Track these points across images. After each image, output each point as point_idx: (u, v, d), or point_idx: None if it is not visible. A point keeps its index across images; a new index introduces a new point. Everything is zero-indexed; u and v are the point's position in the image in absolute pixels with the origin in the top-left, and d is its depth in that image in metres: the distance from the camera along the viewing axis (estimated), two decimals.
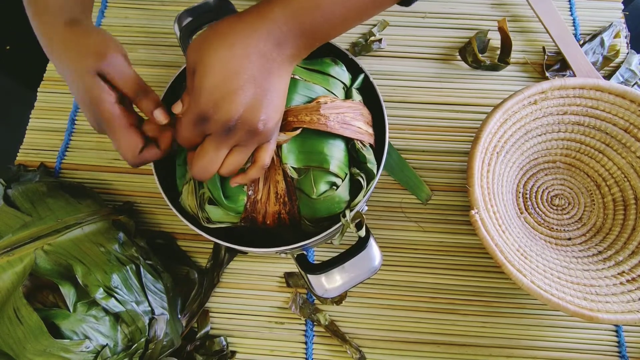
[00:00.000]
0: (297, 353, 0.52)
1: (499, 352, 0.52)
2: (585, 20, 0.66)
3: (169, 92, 0.48)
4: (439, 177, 0.59)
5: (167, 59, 0.65)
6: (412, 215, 0.57)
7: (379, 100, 0.47)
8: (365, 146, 0.44)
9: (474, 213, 0.47)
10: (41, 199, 0.50)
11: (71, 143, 0.61)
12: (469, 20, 0.66)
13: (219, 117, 0.32)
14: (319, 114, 0.41)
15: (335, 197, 0.42)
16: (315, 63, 0.46)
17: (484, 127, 0.50)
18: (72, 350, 0.41)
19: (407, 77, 0.63)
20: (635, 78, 0.62)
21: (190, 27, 0.50)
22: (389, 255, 0.55)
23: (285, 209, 0.42)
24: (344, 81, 0.46)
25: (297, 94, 0.42)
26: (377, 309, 0.54)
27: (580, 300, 0.46)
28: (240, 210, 0.42)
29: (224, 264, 0.55)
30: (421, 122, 0.61)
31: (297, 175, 0.41)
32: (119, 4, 0.69)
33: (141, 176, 0.60)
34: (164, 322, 0.47)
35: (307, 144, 0.42)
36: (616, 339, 0.52)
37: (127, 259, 0.48)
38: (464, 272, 0.55)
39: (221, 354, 0.51)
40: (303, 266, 0.43)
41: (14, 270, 0.45)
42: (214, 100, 0.32)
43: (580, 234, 0.55)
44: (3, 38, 0.71)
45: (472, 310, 0.53)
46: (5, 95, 0.68)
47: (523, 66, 0.64)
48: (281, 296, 0.54)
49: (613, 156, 0.55)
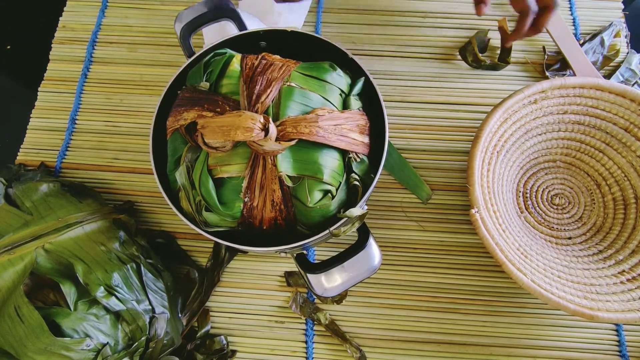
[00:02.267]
0: (297, 352, 0.52)
1: (500, 351, 0.52)
2: (586, 20, 0.66)
3: (169, 92, 0.48)
4: (439, 176, 0.59)
5: (167, 59, 0.65)
6: (413, 214, 0.57)
7: (379, 100, 0.47)
8: (359, 158, 0.45)
9: (474, 212, 0.47)
10: (42, 198, 0.50)
11: (72, 142, 0.61)
12: (469, 20, 0.66)
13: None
14: (317, 126, 0.41)
15: (330, 206, 0.42)
16: (312, 68, 0.45)
17: (484, 127, 0.50)
18: (73, 349, 0.41)
19: (407, 76, 0.64)
20: (635, 77, 0.62)
21: (191, 27, 0.51)
22: (389, 255, 0.55)
23: (282, 216, 0.42)
24: (341, 87, 0.46)
25: (294, 102, 0.43)
26: (377, 308, 0.54)
27: (581, 299, 0.46)
28: (236, 216, 0.42)
29: (224, 263, 0.55)
30: (421, 122, 0.61)
31: (292, 183, 0.41)
32: (119, 4, 0.69)
33: (142, 175, 0.60)
34: (164, 321, 0.47)
35: (302, 152, 0.42)
36: (616, 338, 0.52)
37: (127, 258, 0.48)
38: (464, 271, 0.55)
39: (221, 353, 0.51)
40: (303, 265, 0.43)
41: (15, 268, 0.45)
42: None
43: (581, 233, 0.55)
44: (3, 38, 0.71)
45: (473, 310, 0.53)
46: (5, 95, 0.68)
47: (523, 66, 0.64)
48: (281, 295, 0.54)
49: (613, 155, 0.55)
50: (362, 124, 0.45)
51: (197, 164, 0.43)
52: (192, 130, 0.43)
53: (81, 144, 0.61)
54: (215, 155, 0.42)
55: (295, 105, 0.42)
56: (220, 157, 0.42)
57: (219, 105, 0.42)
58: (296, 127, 0.41)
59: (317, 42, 0.49)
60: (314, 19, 0.67)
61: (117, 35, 0.67)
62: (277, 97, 0.43)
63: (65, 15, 0.68)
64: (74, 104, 0.63)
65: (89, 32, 0.67)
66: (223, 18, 0.51)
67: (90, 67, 0.65)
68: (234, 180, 0.42)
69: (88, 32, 0.67)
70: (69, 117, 0.62)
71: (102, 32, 0.67)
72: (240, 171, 0.42)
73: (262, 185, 0.41)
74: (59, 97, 0.64)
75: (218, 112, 0.42)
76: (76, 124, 0.62)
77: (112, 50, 0.66)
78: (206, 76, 0.45)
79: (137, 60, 0.65)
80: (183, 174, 0.43)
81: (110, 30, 0.67)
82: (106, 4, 0.69)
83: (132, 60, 0.65)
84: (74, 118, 0.62)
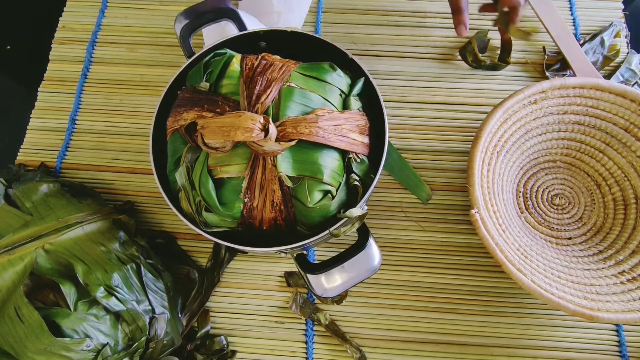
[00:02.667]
0: (297, 352, 0.52)
1: (500, 351, 0.52)
2: (586, 20, 0.66)
3: (169, 92, 0.48)
4: (439, 176, 0.59)
5: (167, 59, 0.65)
6: (413, 214, 0.57)
7: (379, 100, 0.47)
8: (359, 158, 0.45)
9: (474, 212, 0.47)
10: (42, 199, 0.50)
11: (71, 143, 0.61)
12: (469, 20, 0.66)
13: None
14: (317, 127, 0.41)
15: (330, 206, 0.42)
16: (312, 69, 0.45)
17: (484, 127, 0.50)
18: (73, 349, 0.41)
19: (407, 77, 0.64)
20: (635, 77, 0.62)
21: (190, 27, 0.51)
22: (389, 255, 0.55)
23: (282, 216, 0.42)
24: (341, 88, 0.46)
25: (294, 102, 0.42)
26: (377, 308, 0.54)
27: (581, 300, 0.46)
28: (236, 216, 0.42)
29: (224, 263, 0.55)
30: (421, 122, 0.61)
31: (292, 183, 0.41)
32: (119, 4, 0.69)
33: (142, 176, 0.60)
34: (164, 321, 0.47)
35: (302, 153, 0.42)
36: (616, 338, 0.52)
37: (127, 258, 0.48)
38: (464, 271, 0.55)
39: (221, 353, 0.51)
40: (302, 266, 0.43)
41: (15, 269, 0.45)
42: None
43: (581, 234, 0.55)
44: (3, 38, 0.71)
45: (473, 310, 0.53)
46: (5, 95, 0.68)
47: (523, 66, 0.64)
48: (281, 295, 0.54)
49: (613, 155, 0.55)
50: (362, 124, 0.45)
51: (197, 165, 0.43)
52: (192, 131, 0.43)
53: (81, 144, 0.61)
54: (215, 156, 0.42)
55: (295, 105, 0.42)
56: (220, 158, 0.42)
57: (219, 105, 0.42)
58: (296, 128, 0.41)
59: (317, 42, 0.49)
60: (314, 19, 0.67)
61: (117, 35, 0.67)
62: (277, 97, 0.43)
63: (65, 15, 0.68)
64: (74, 104, 0.63)
65: (88, 32, 0.67)
66: (223, 18, 0.51)
67: (90, 68, 0.65)
68: (233, 180, 0.42)
69: (88, 32, 0.67)
70: (69, 118, 0.62)
71: (102, 32, 0.67)
72: (240, 171, 0.42)
73: (262, 185, 0.41)
74: (58, 98, 0.64)
75: (218, 112, 0.42)
76: (76, 124, 0.62)
77: (112, 51, 0.66)
78: (206, 76, 0.45)
79: (137, 60, 0.65)
80: (183, 175, 0.43)
81: (110, 30, 0.67)
82: (106, 4, 0.69)
83: (132, 61, 0.65)
84: (73, 118, 0.62)
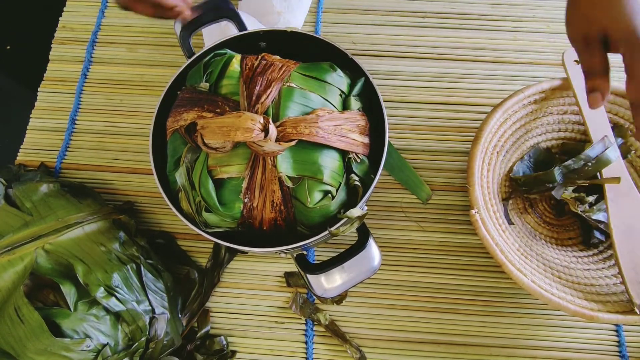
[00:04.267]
0: (297, 353, 0.52)
1: (500, 351, 0.52)
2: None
3: (168, 92, 0.48)
4: (439, 176, 0.59)
5: (167, 59, 0.65)
6: (413, 214, 0.57)
7: (379, 101, 0.47)
8: (359, 158, 0.45)
9: (474, 212, 0.47)
10: (42, 199, 0.50)
11: (71, 143, 0.61)
12: (469, 20, 0.66)
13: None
14: (317, 127, 0.41)
15: (330, 206, 0.42)
16: (312, 69, 0.45)
17: (484, 127, 0.50)
18: (73, 349, 0.41)
19: (407, 77, 0.64)
20: None
21: (190, 28, 0.51)
22: (389, 255, 0.55)
23: (282, 216, 0.42)
24: (341, 88, 0.46)
25: (294, 102, 0.43)
26: (377, 308, 0.54)
27: (581, 300, 0.46)
28: (236, 217, 0.42)
29: (224, 263, 0.55)
30: (421, 122, 0.61)
31: (292, 184, 0.41)
32: None
33: (142, 176, 0.60)
34: (164, 322, 0.47)
35: (302, 153, 0.42)
36: (616, 339, 0.52)
37: (127, 258, 0.48)
38: (464, 271, 0.55)
39: (221, 354, 0.51)
40: (302, 266, 0.43)
41: (15, 269, 0.45)
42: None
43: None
44: (3, 38, 0.71)
45: (473, 310, 0.53)
46: (5, 95, 0.68)
47: (524, 65, 0.64)
48: (281, 296, 0.54)
49: None
50: (362, 125, 0.45)
51: (196, 165, 0.43)
52: (191, 131, 0.43)
53: (81, 144, 0.61)
54: (215, 156, 0.42)
55: (295, 105, 0.42)
56: (220, 158, 0.42)
57: (219, 105, 0.42)
58: (296, 128, 0.41)
59: (317, 42, 0.49)
60: (314, 19, 0.67)
61: (117, 35, 0.67)
62: (277, 97, 0.43)
63: (65, 15, 0.68)
64: (74, 104, 0.63)
65: (88, 32, 0.67)
66: (223, 18, 0.51)
67: (90, 68, 0.65)
68: (233, 180, 0.42)
69: (88, 32, 0.67)
70: (69, 118, 0.62)
71: (102, 32, 0.67)
72: (240, 172, 0.42)
73: (262, 185, 0.41)
74: (58, 98, 0.64)
75: (218, 112, 0.42)
76: (76, 125, 0.62)
77: (112, 51, 0.66)
78: (206, 77, 0.45)
79: (137, 60, 0.65)
80: (183, 175, 0.43)
81: (110, 30, 0.67)
82: (106, 4, 0.69)
83: (132, 61, 0.65)
84: (73, 118, 0.62)
